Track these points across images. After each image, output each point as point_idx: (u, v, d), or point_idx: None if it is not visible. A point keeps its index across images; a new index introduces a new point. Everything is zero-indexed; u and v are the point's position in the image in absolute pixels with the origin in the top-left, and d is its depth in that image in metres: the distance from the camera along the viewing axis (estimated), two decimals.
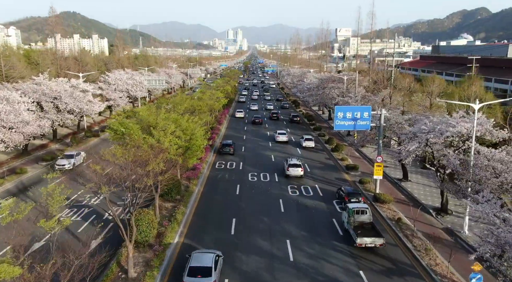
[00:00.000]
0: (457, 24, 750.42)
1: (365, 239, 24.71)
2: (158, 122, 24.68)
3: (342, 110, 34.47)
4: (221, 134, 62.19)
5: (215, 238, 27.02)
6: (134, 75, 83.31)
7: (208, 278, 19.55)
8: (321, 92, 66.18)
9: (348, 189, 34.48)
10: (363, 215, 27.00)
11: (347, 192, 33.53)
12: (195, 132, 26.70)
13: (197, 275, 19.60)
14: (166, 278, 21.87)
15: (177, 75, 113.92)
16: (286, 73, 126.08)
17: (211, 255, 21.20)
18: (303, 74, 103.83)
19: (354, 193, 33.42)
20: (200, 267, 20.01)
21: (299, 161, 42.08)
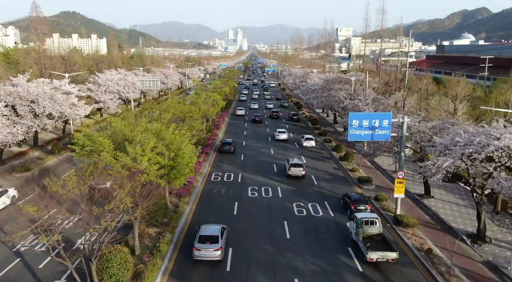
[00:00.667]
0: (458, 24, 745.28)
1: (376, 253, 22.50)
2: (135, 136, 19.57)
3: (358, 117, 29.29)
4: (218, 139, 57.13)
5: (207, 276, 21.90)
6: (127, 75, 78.18)
7: (216, 244, 22.59)
8: (327, 94, 60.99)
9: (354, 195, 31.79)
10: (373, 225, 24.82)
11: (353, 199, 30.85)
12: (182, 147, 21.44)
13: (206, 242, 22.60)
14: None
15: (174, 76, 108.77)
16: (287, 73, 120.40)
17: (218, 226, 24.41)
18: (306, 75, 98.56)
19: (360, 199, 30.86)
20: (208, 236, 23.06)
21: (300, 161, 41.14)
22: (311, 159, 48.17)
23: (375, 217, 25.34)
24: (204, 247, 22.38)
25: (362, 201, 30.57)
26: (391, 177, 41.01)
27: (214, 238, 22.92)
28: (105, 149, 18.89)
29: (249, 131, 64.46)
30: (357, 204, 29.99)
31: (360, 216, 25.36)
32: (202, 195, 34.70)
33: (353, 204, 30.05)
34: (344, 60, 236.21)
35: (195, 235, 23.83)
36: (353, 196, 31.49)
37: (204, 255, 22.43)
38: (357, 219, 25.01)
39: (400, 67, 52.03)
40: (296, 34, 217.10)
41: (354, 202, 30.32)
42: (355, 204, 30.06)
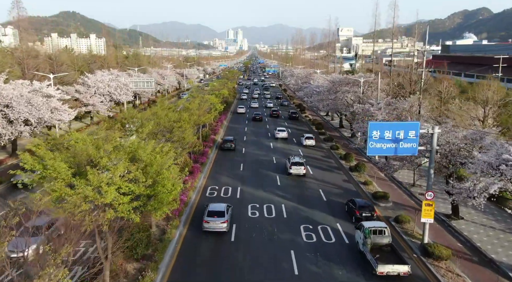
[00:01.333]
0: (459, 24, 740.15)
1: (387, 266, 20.92)
2: (102, 157, 14.81)
3: (379, 128, 24.45)
4: (215, 146, 52.38)
5: None
6: (120, 76, 73.40)
7: (222, 218, 26.00)
8: (333, 97, 56.10)
9: (359, 201, 30.08)
10: (382, 235, 23.42)
11: (358, 205, 29.17)
12: (163, 172, 16.48)
13: (214, 216, 26.10)
14: None
15: (171, 76, 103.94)
16: (289, 74, 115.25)
17: (224, 204, 27.96)
18: (309, 75, 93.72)
19: (366, 206, 29.25)
20: (216, 211, 26.55)
21: (301, 159, 41.23)
22: (318, 168, 43.38)
23: (383, 226, 23.83)
24: (212, 220, 26.03)
25: (368, 207, 28.96)
26: (409, 191, 36.23)
27: (221, 213, 26.50)
28: (60, 175, 14.17)
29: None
30: (363, 211, 28.46)
31: (368, 225, 23.77)
32: (196, 215, 29.90)
33: (359, 211, 28.51)
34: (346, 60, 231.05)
35: (204, 212, 27.52)
36: (359, 202, 29.69)
37: (212, 226, 26.07)
38: (364, 228, 23.41)
39: (416, 67, 47.23)
40: (297, 34, 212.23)
41: (360, 208, 28.71)
42: (360, 210, 28.50)
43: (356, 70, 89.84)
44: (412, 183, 37.67)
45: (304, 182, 38.91)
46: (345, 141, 58.61)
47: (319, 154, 50.27)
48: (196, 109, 34.73)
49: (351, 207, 29.80)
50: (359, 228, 24.71)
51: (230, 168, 43.00)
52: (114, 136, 17.07)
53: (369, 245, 22.82)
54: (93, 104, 60.34)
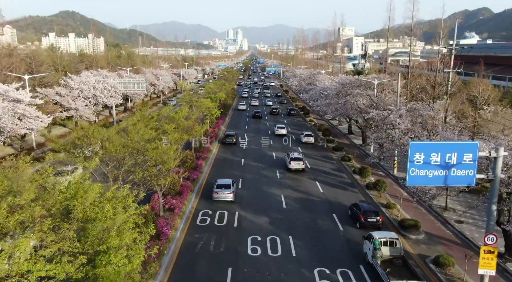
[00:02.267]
0: (459, 24, 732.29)
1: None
2: (9, 221, 8.43)
3: (423, 149, 18.03)
4: (211, 156, 46.06)
5: None
6: (109, 77, 67.07)
7: (229, 189, 31.67)
8: (343, 101, 49.68)
9: (364, 205, 28.41)
10: (393, 247, 22.18)
11: (363, 209, 27.61)
12: (109, 241, 9.77)
13: (222, 188, 31.73)
14: None
15: (166, 77, 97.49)
16: (291, 74, 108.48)
17: (230, 180, 33.60)
18: (312, 76, 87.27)
19: (371, 211, 27.69)
20: (223, 184, 32.30)
21: (300, 155, 42.32)
22: (329, 185, 37.03)
23: (395, 237, 22.35)
24: (221, 191, 31.27)
25: (373, 212, 27.44)
26: (442, 217, 29.87)
27: (228, 185, 31.84)
28: None
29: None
30: (368, 216, 27.08)
31: (378, 235, 22.19)
32: (181, 257, 23.53)
33: (363, 216, 27.14)
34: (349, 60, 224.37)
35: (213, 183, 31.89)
36: (363, 207, 28.07)
37: (220, 196, 31.27)
38: (374, 240, 21.78)
39: (442, 68, 40.83)
40: (300, 33, 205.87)
41: (365, 213, 27.25)
42: (365, 215, 27.13)
43: (365, 70, 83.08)
44: (444, 206, 31.34)
45: (314, 202, 32.58)
46: (357, 149, 52.27)
47: (329, 166, 43.90)
48: (183, 118, 28.14)
49: (355, 211, 28.22)
50: (368, 238, 22.86)
51: None
52: (40, 176, 10.68)
53: (379, 257, 21.14)
54: (75, 109, 54.02)
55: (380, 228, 27.05)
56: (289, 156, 41.57)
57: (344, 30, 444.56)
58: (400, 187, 37.11)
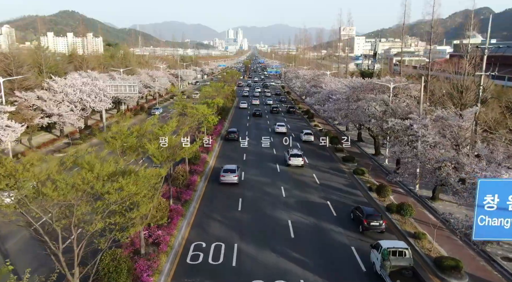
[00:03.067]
0: (460, 24, 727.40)
1: None
2: None
3: (498, 189, 12.92)
4: (207, 170, 40.87)
5: None
6: (99, 79, 61.91)
7: (234, 173, 35.56)
8: (355, 106, 44.36)
9: (367, 209, 27.71)
10: (402, 257, 20.71)
11: (366, 213, 26.89)
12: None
13: (228, 172, 35.66)
14: None
15: (162, 78, 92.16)
16: (293, 75, 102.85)
17: (235, 165, 37.47)
18: (316, 77, 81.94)
19: (374, 215, 26.99)
20: (229, 169, 36.21)
21: (300, 151, 43.75)
22: (341, 204, 31.82)
23: (404, 247, 21.40)
24: (227, 174, 35.60)
25: (376, 216, 26.77)
26: (485, 253, 24.61)
27: (233, 170, 36.13)
28: None
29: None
30: (371, 220, 26.35)
31: (387, 245, 21.35)
32: None
33: (366, 219, 26.38)
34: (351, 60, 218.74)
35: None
36: (366, 210, 27.32)
37: (227, 179, 35.61)
38: (382, 249, 20.91)
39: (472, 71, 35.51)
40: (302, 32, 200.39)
41: (368, 217, 26.50)
42: (368, 219, 26.39)
43: (376, 71, 77.30)
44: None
45: (327, 232, 27.33)
46: (369, 159, 47.06)
47: (340, 181, 38.68)
48: (169, 133, 22.76)
49: (358, 215, 27.46)
50: (375, 247, 21.92)
51: (226, 207, 31.39)
52: None
53: (388, 268, 20.16)
54: (59, 114, 48.82)
55: (383, 232, 26.42)
56: (288, 152, 42.98)
57: (344, 30, 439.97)
58: (426, 208, 31.92)
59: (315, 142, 55.84)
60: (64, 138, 52.80)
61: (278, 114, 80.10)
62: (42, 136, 55.01)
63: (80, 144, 49.96)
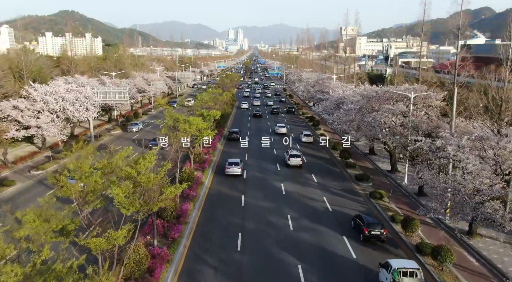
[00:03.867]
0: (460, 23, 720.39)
1: None
2: None
3: None
4: (202, 195, 35.49)
5: None
6: (86, 85, 56.52)
7: (238, 166, 39.83)
8: (370, 118, 38.78)
9: (367, 218, 26.73)
10: (413, 278, 19.88)
11: (366, 222, 25.95)
12: None
13: (232, 165, 39.72)
14: None
15: (158, 82, 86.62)
16: (296, 77, 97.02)
17: (238, 159, 41.54)
18: (322, 82, 76.36)
19: (375, 223, 26.10)
20: (233, 162, 40.37)
21: (298, 152, 44.56)
22: (361, 244, 26.34)
23: (416, 268, 20.27)
24: (232, 167, 39.62)
25: (377, 225, 25.95)
26: None
27: (237, 163, 40.17)
28: None
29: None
30: (372, 228, 25.48)
31: (397, 265, 20.13)
32: None
33: (367, 228, 25.51)
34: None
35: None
36: (367, 219, 26.54)
37: (232, 171, 39.49)
38: (392, 269, 19.77)
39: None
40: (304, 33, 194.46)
41: (369, 225, 25.64)
42: (369, 228, 25.52)
43: (387, 76, 71.32)
44: None
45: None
46: (385, 177, 41.60)
47: (355, 207, 33.26)
48: (146, 171, 17.11)
49: (358, 223, 26.96)
50: (385, 266, 20.91)
51: (222, 248, 25.97)
52: None
53: None
54: (37, 126, 43.44)
55: (384, 241, 25.87)
56: (288, 153, 43.96)
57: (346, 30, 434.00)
58: (463, 247, 26.45)
59: (321, 154, 50.57)
60: (45, 150, 47.44)
61: (278, 115, 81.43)
62: (22, 149, 49.68)
63: (62, 157, 44.56)
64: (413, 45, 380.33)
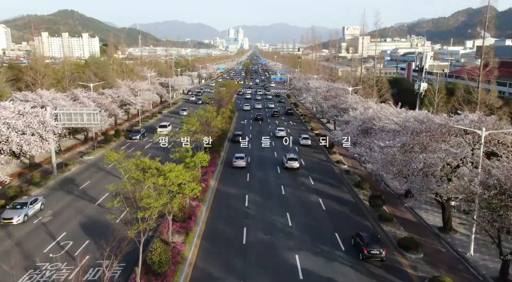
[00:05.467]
0: (463, 22, 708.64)
1: None
2: None
3: None
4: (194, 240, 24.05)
5: None
6: (47, 103, 45.07)
7: (243, 159, 45.57)
8: (420, 165, 26.79)
9: (366, 236, 26.42)
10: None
11: (366, 241, 25.80)
12: None
13: (238, 159, 45.62)
14: None
15: (146, 93, 74.59)
16: (303, 85, 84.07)
17: (243, 154, 47.01)
18: (334, 92, 64.34)
19: (374, 242, 25.85)
20: (240, 156, 45.94)
21: (296, 156, 46.64)
22: None
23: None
24: (238, 160, 45.49)
25: (376, 244, 25.72)
26: None
27: (242, 157, 45.96)
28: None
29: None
30: (371, 248, 25.32)
31: None
32: None
33: (367, 248, 25.33)
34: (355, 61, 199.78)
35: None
36: (366, 238, 26.19)
37: (238, 164, 45.30)
38: None
39: None
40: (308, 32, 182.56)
41: (368, 245, 25.47)
42: (368, 247, 25.34)
43: (421, 92, 57.72)
44: None
45: None
46: (436, 240, 29.91)
47: None
48: None
49: (358, 242, 26.46)
50: None
51: None
52: None
53: None
54: None
55: (384, 260, 25.37)
56: (286, 156, 46.25)
57: (348, 29, 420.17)
58: None
59: (342, 194, 38.99)
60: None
61: (279, 118, 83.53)
62: None
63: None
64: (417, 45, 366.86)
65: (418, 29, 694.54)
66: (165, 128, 64.73)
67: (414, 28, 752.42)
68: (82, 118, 42.88)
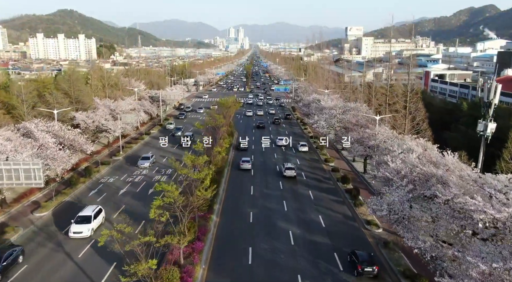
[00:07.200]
0: (465, 22, 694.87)
1: None
2: None
3: None
4: None
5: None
6: None
7: (249, 162, 51.65)
8: None
9: (360, 254, 27.28)
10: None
11: (360, 259, 26.66)
12: None
13: (245, 162, 51.20)
14: None
15: (129, 116, 61.58)
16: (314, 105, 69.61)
17: (249, 158, 53.04)
18: (357, 121, 51.51)
19: (368, 260, 26.70)
20: (246, 160, 51.95)
21: (293, 165, 49.88)
22: None
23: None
24: (244, 163, 51.02)
25: (370, 262, 26.63)
26: None
27: (248, 160, 51.67)
28: None
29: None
30: (365, 266, 26.27)
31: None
32: None
33: (361, 265, 26.35)
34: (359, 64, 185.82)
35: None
36: (361, 256, 27.06)
37: (244, 166, 50.62)
38: None
39: None
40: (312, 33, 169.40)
41: (362, 263, 26.44)
42: (362, 265, 26.32)
43: (487, 135, 40.89)
44: None
45: None
46: None
47: None
48: None
49: (353, 260, 27.53)
50: None
51: None
52: None
53: None
54: None
55: (377, 277, 26.47)
56: (284, 166, 49.75)
57: (351, 30, 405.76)
58: None
59: None
60: None
61: (280, 125, 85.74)
62: None
63: None
64: (422, 45, 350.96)
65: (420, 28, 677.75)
66: (148, 160, 52.76)
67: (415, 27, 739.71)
68: (18, 175, 30.20)
